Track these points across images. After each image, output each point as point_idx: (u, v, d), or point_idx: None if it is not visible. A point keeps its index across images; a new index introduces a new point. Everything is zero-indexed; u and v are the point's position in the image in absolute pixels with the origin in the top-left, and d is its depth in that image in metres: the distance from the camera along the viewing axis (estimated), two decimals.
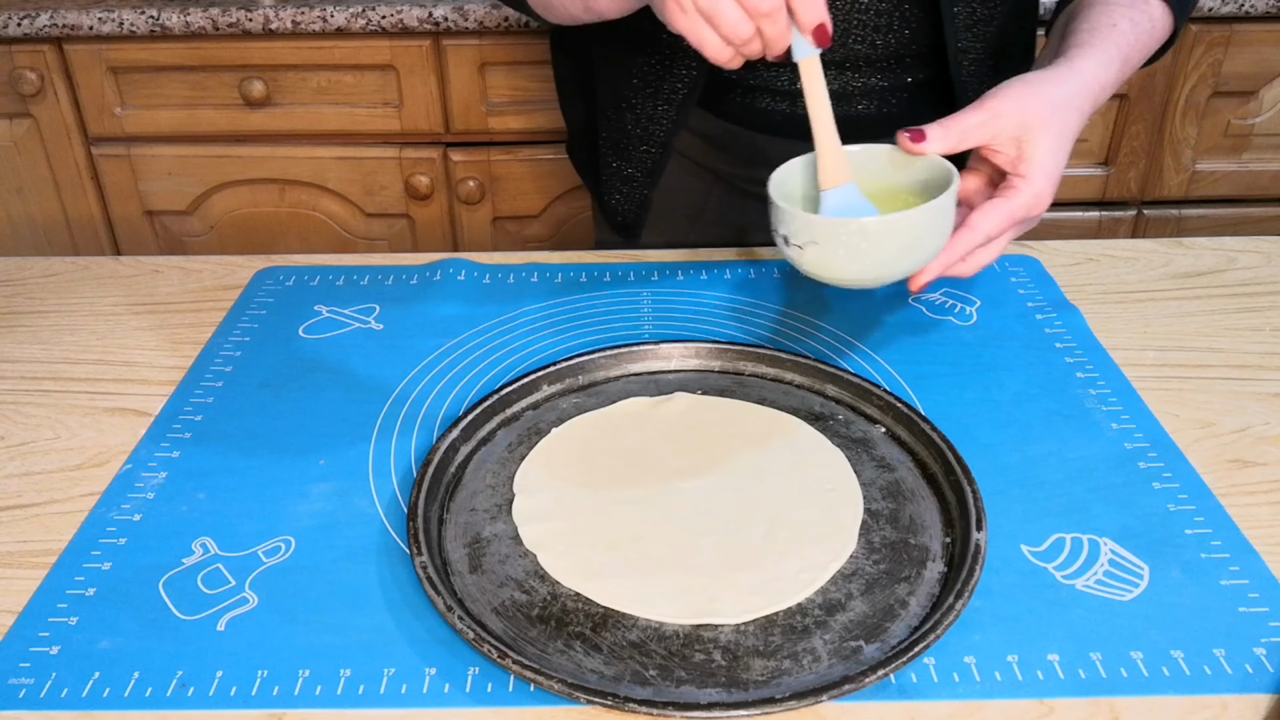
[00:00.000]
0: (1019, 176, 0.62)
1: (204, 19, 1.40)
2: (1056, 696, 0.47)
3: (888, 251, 0.58)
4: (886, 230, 0.58)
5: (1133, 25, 0.69)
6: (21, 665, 0.49)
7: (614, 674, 0.48)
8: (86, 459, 0.63)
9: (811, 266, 0.60)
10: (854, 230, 0.58)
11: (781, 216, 0.60)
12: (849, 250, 0.58)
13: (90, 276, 0.83)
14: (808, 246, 0.59)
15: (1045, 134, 0.61)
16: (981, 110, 0.62)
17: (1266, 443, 0.63)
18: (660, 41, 0.80)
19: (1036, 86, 0.63)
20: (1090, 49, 0.66)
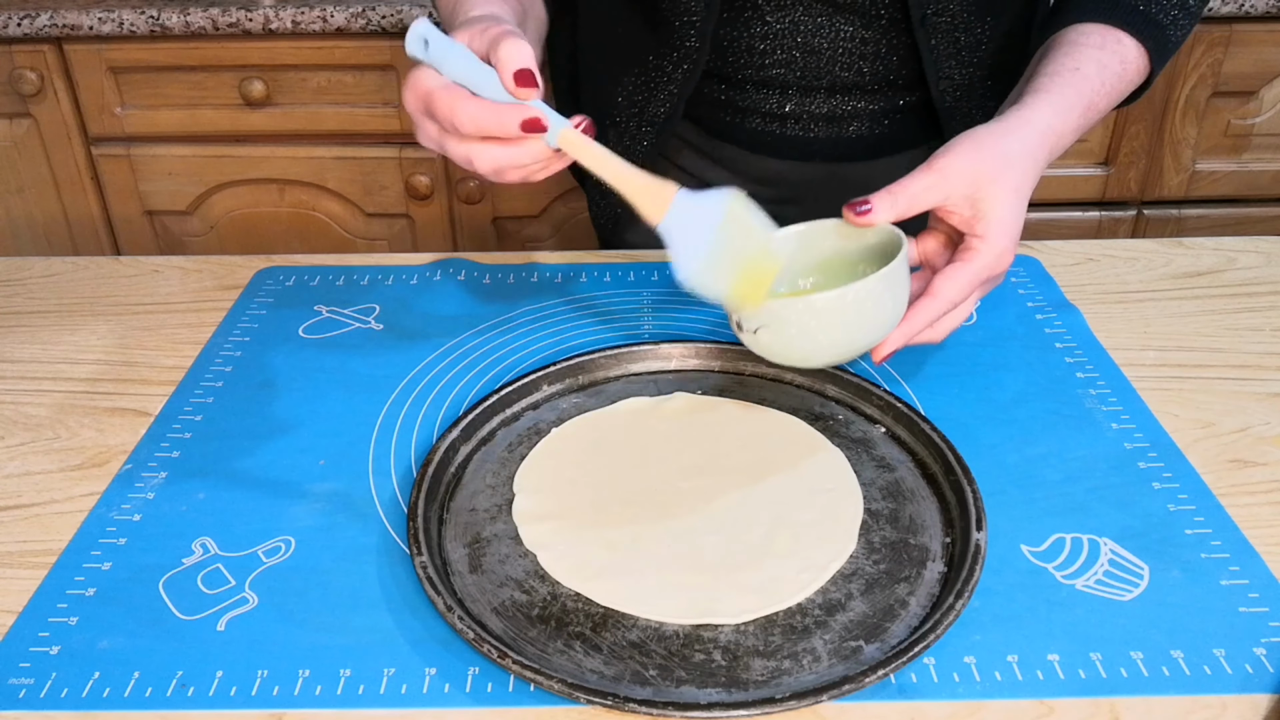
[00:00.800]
0: (977, 237, 0.60)
1: (204, 19, 1.40)
2: (1056, 696, 0.47)
3: (841, 327, 0.56)
4: (836, 305, 0.55)
5: (1099, 69, 0.66)
6: (21, 665, 0.49)
7: (614, 674, 0.48)
8: (86, 459, 0.63)
9: (767, 350, 0.58)
10: (802, 309, 0.55)
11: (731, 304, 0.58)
12: (800, 330, 0.56)
13: (90, 276, 0.83)
14: (760, 331, 0.57)
15: (999, 190, 0.59)
16: (930, 172, 0.59)
17: (1266, 443, 0.63)
18: (647, 64, 0.80)
19: (986, 141, 0.61)
20: (1048, 95, 0.64)
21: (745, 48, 0.78)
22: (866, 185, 0.85)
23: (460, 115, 0.54)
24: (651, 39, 0.80)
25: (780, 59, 0.78)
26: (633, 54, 0.82)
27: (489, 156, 0.56)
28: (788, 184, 0.85)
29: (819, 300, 0.55)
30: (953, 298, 0.59)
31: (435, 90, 0.55)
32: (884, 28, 0.76)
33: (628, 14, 0.81)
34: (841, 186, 0.85)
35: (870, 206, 0.59)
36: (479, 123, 0.54)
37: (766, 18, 0.76)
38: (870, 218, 0.59)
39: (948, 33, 0.76)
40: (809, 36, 0.77)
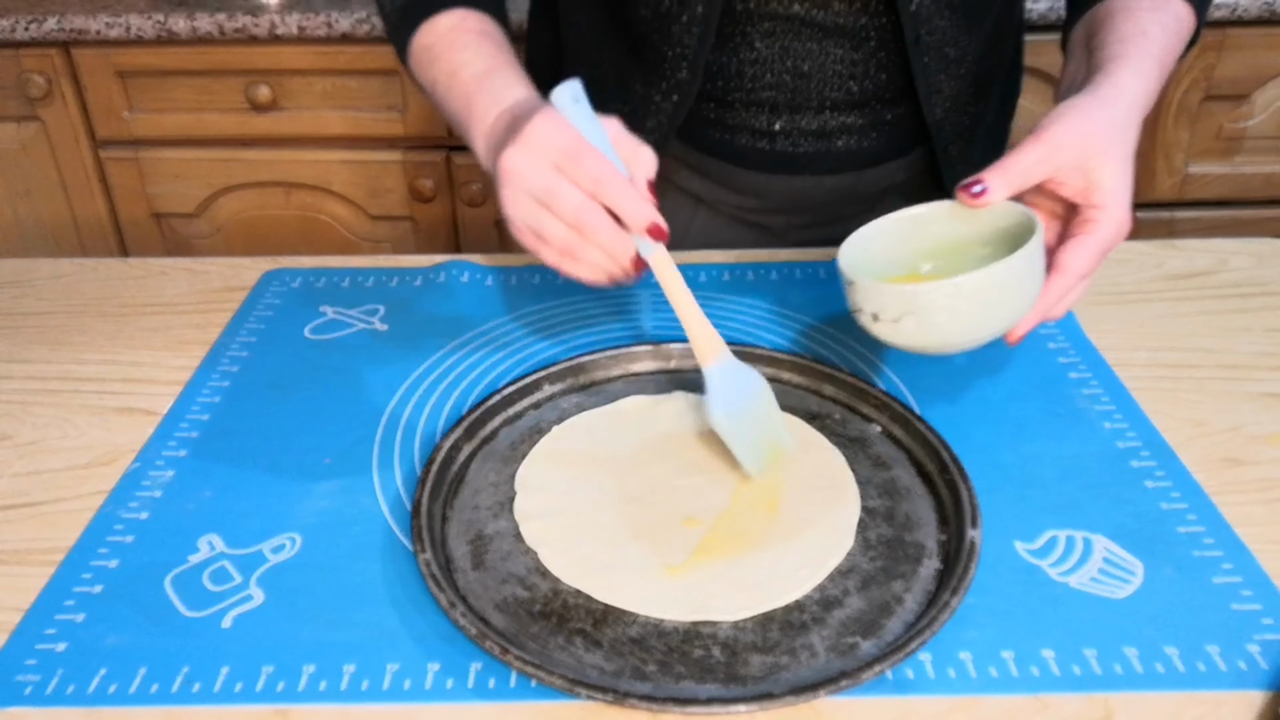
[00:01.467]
0: (1095, 208, 0.59)
1: (210, 24, 1.41)
2: (1050, 692, 0.48)
3: (988, 307, 0.56)
4: (985, 285, 0.55)
5: (1162, 29, 0.67)
6: (28, 662, 0.50)
7: (614, 669, 0.49)
8: (94, 458, 0.64)
9: (910, 338, 0.57)
10: (951, 292, 0.55)
11: (866, 294, 0.57)
12: (950, 314, 0.55)
13: (98, 278, 0.84)
14: (904, 319, 0.56)
15: (1110, 158, 0.59)
16: (1040, 145, 0.58)
17: (1258, 442, 0.64)
18: (634, 93, 0.81)
19: (1090, 111, 0.60)
20: (1127, 60, 0.64)
21: (735, 72, 0.78)
22: (855, 195, 0.86)
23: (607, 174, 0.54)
24: (638, 69, 0.80)
25: (769, 82, 0.78)
26: (618, 82, 0.81)
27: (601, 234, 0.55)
28: (776, 196, 0.85)
29: (967, 282, 0.54)
30: (1080, 271, 0.59)
31: (589, 146, 0.55)
32: (873, 49, 0.76)
33: (612, 42, 0.81)
34: (830, 197, 0.85)
35: (985, 186, 0.58)
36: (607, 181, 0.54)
37: (755, 44, 0.76)
38: (987, 198, 0.58)
39: (938, 49, 0.76)
40: (798, 60, 0.77)
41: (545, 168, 0.55)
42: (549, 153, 0.55)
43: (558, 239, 0.56)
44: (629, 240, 0.56)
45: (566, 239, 0.56)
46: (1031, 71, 1.43)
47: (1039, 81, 1.44)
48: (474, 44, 0.68)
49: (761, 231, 0.90)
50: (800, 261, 0.84)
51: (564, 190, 0.55)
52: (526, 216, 0.56)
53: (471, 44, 0.68)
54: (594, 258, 0.57)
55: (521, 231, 0.57)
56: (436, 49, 0.69)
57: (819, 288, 0.81)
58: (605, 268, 0.57)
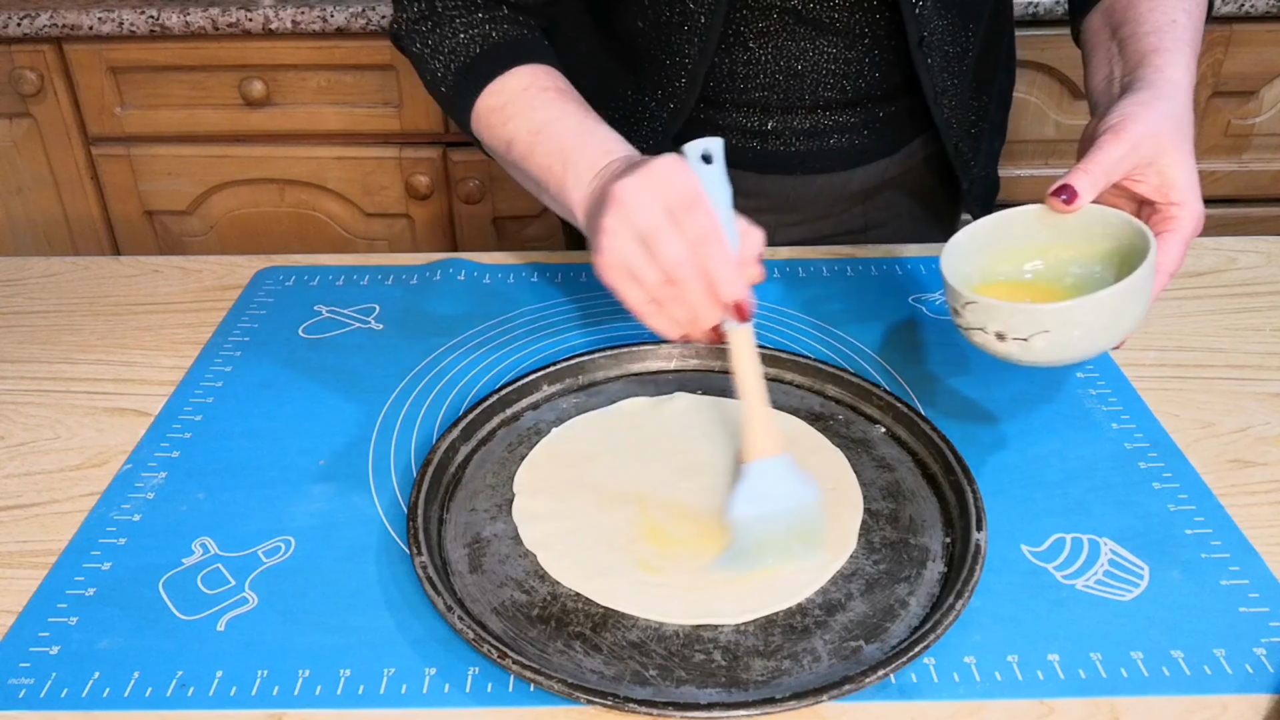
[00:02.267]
0: (1174, 204, 0.59)
1: (204, 19, 1.40)
2: (1056, 696, 0.47)
3: (1120, 318, 0.55)
4: (1121, 298, 0.54)
5: (1189, 17, 0.67)
6: (21, 665, 0.49)
7: (614, 674, 0.48)
8: (86, 459, 0.63)
9: (1039, 355, 0.55)
10: (1090, 309, 0.54)
11: (993, 313, 0.56)
12: (1086, 330, 0.54)
13: (90, 276, 0.83)
14: (1035, 338, 0.55)
15: (1180, 154, 0.59)
16: (1121, 143, 0.58)
17: (1266, 443, 0.63)
18: (626, 99, 0.80)
19: (1155, 107, 0.60)
20: (1169, 53, 0.64)
21: (727, 74, 0.78)
22: (845, 193, 0.85)
23: (716, 236, 0.53)
24: (631, 77, 0.79)
25: (763, 83, 0.78)
26: (608, 90, 0.80)
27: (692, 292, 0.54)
28: (766, 196, 0.85)
29: (1107, 297, 0.54)
30: (1171, 269, 0.59)
31: (705, 201, 0.53)
32: (866, 46, 0.76)
33: (600, 49, 0.80)
34: (820, 195, 0.85)
35: (1075, 190, 0.58)
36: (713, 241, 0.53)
37: (749, 44, 0.76)
38: (1078, 203, 0.58)
39: (940, 48, 0.76)
40: (792, 61, 0.76)
41: (657, 208, 0.53)
42: (666, 194, 0.53)
43: (650, 283, 0.54)
44: (716, 309, 0.55)
45: (658, 287, 0.54)
46: (1036, 66, 1.42)
47: (1044, 76, 1.43)
48: (558, 102, 0.65)
49: None
50: (802, 260, 0.84)
51: (670, 236, 0.53)
52: (624, 251, 0.54)
53: (556, 102, 0.65)
54: (678, 314, 0.55)
55: (612, 266, 0.54)
56: (512, 108, 0.66)
57: (821, 286, 0.80)
58: (684, 327, 0.56)
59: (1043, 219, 0.61)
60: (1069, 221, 0.60)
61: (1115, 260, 0.60)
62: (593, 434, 0.64)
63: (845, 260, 0.83)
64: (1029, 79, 1.43)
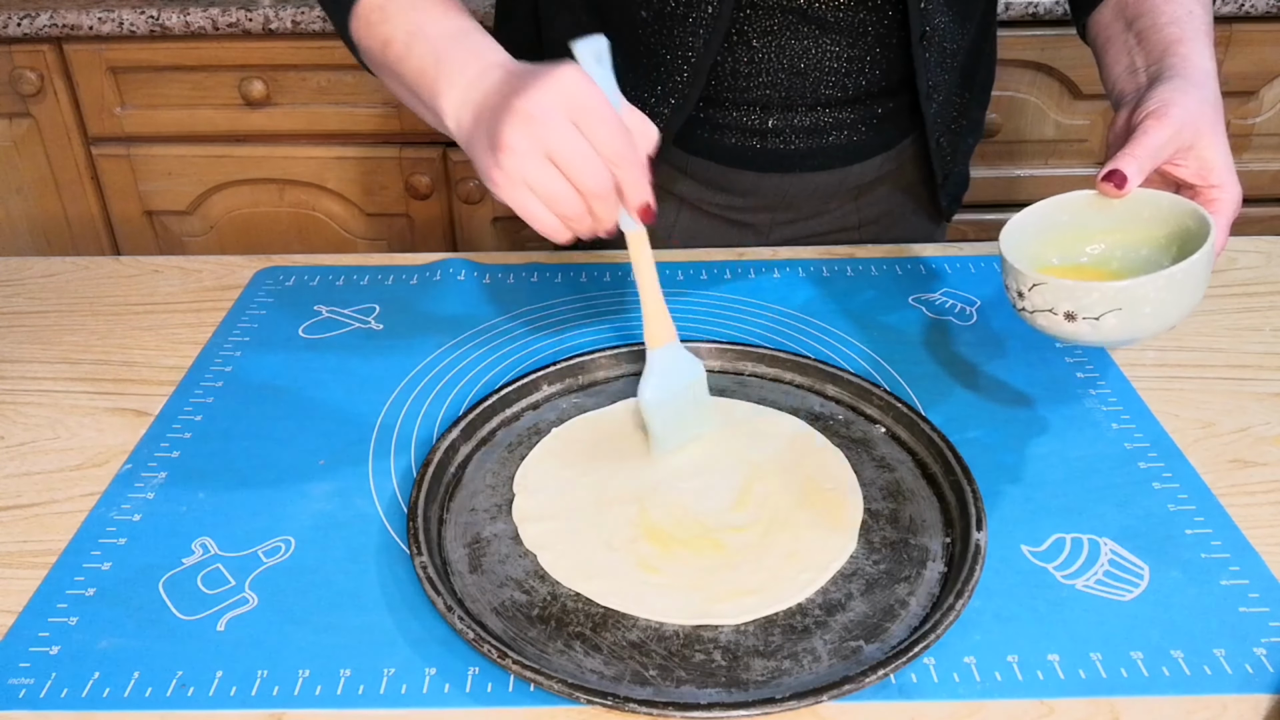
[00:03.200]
0: (1214, 187, 0.60)
1: (204, 19, 1.40)
2: (1056, 697, 0.47)
3: (1186, 296, 0.55)
4: (1189, 274, 0.54)
5: (1202, 6, 0.68)
6: (21, 665, 0.49)
7: (614, 674, 0.48)
8: (86, 459, 0.63)
9: (1108, 334, 0.56)
10: (1161, 285, 0.54)
11: (1064, 294, 0.56)
12: (1156, 307, 0.55)
13: (90, 276, 0.83)
14: (1106, 316, 0.55)
15: (1216, 138, 0.60)
16: (1165, 127, 0.59)
17: (1266, 443, 0.63)
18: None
19: (1192, 94, 0.61)
20: (1192, 43, 0.65)
21: (729, 72, 0.77)
22: (841, 190, 0.86)
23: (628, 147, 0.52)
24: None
25: (765, 81, 0.77)
26: None
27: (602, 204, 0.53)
28: (763, 194, 0.85)
29: (1179, 272, 0.54)
30: (1219, 249, 0.59)
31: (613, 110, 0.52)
32: (869, 44, 0.76)
33: None
34: (817, 193, 0.85)
35: (1123, 175, 0.59)
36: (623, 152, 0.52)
37: (752, 42, 0.76)
38: (1128, 188, 0.59)
39: (939, 45, 0.77)
40: (794, 59, 0.76)
41: (565, 123, 0.51)
42: (572, 107, 0.51)
43: (565, 205, 0.53)
44: (619, 212, 0.55)
45: (565, 199, 0.53)
46: (1036, 66, 1.42)
47: (1044, 76, 1.43)
48: (439, 5, 0.63)
49: (745, 229, 0.89)
50: (802, 260, 0.84)
51: (584, 153, 0.52)
52: (531, 170, 0.52)
53: (437, 5, 0.63)
54: (581, 226, 0.54)
55: (515, 185, 0.53)
56: (392, 7, 0.63)
57: (822, 286, 0.80)
58: (581, 233, 0.55)
59: (1092, 204, 0.61)
60: (1117, 206, 0.61)
61: (1164, 243, 0.60)
62: (593, 434, 0.64)
63: (845, 260, 0.83)
64: (1029, 79, 1.43)
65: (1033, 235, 0.62)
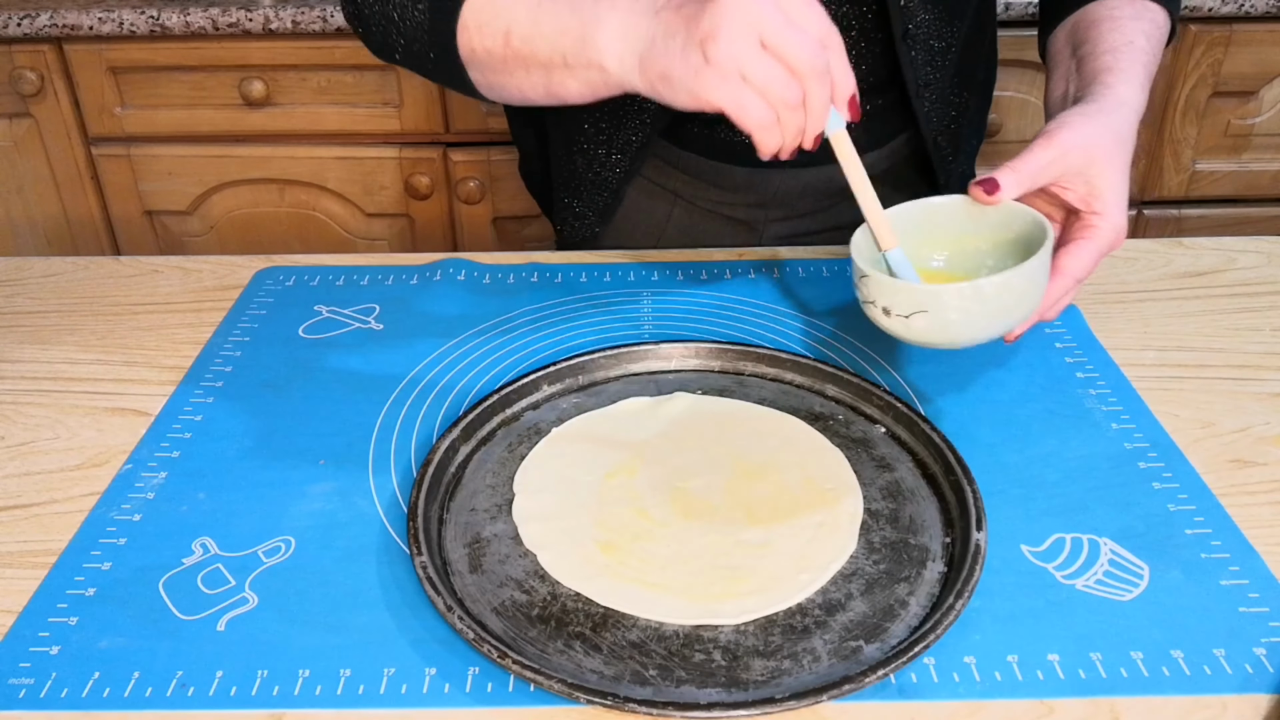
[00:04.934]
0: (1096, 214, 0.61)
1: (204, 19, 1.40)
2: (1056, 696, 0.47)
3: (1000, 309, 0.57)
4: (1001, 289, 0.56)
5: (1147, 39, 0.68)
6: (21, 665, 0.49)
7: (614, 674, 0.48)
8: (86, 459, 0.63)
9: (919, 335, 0.58)
10: (969, 294, 0.56)
11: (879, 288, 0.58)
12: (962, 314, 0.56)
13: (90, 276, 0.83)
14: (914, 316, 0.57)
15: (1112, 166, 0.60)
16: (1051, 147, 0.60)
17: (1266, 443, 0.63)
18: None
19: (1095, 119, 0.61)
20: (1122, 72, 0.65)
21: None
22: (833, 188, 0.85)
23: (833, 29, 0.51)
24: None
25: None
26: None
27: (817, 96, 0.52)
28: (755, 190, 0.85)
29: (987, 285, 0.56)
30: (1079, 275, 0.61)
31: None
32: (854, 39, 0.76)
33: None
34: (809, 190, 0.85)
35: (999, 184, 0.59)
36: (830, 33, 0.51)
37: None
38: (999, 195, 0.60)
39: (924, 42, 0.77)
40: None
41: (776, 11, 0.50)
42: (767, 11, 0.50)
43: (777, 93, 0.51)
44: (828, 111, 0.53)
45: (786, 94, 0.51)
46: (1036, 66, 1.42)
47: (1044, 76, 1.43)
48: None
49: (738, 225, 0.89)
50: (802, 260, 0.84)
51: (796, 35, 0.50)
52: (747, 61, 0.50)
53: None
54: (795, 122, 0.52)
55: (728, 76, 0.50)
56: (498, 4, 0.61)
57: (822, 286, 0.80)
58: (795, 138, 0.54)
59: (967, 210, 0.62)
60: (991, 215, 0.62)
61: (1024, 257, 0.60)
62: (593, 434, 0.64)
63: (845, 260, 0.83)
64: (1029, 79, 1.43)
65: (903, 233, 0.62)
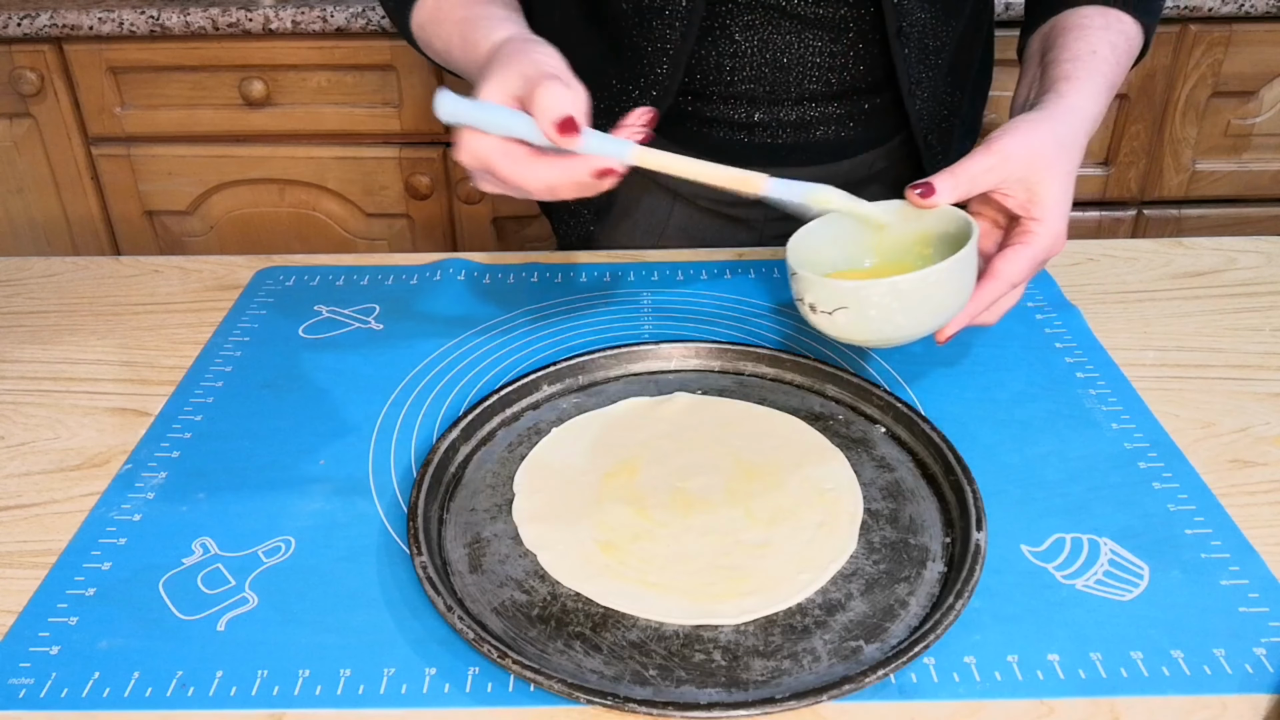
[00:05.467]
0: (1034, 220, 0.61)
1: (204, 19, 1.40)
2: (1056, 696, 0.47)
3: (920, 308, 0.57)
4: (919, 287, 0.57)
5: (1112, 49, 0.69)
6: (21, 665, 0.49)
7: (614, 674, 0.48)
8: (86, 459, 0.63)
9: (843, 331, 0.59)
10: (885, 290, 0.57)
11: (806, 285, 0.59)
12: (881, 311, 0.57)
13: (90, 276, 0.83)
14: (837, 312, 0.58)
15: (1053, 174, 0.61)
16: (990, 154, 0.60)
17: (1266, 443, 0.63)
18: (611, 88, 0.80)
19: (1040, 126, 0.62)
20: (1078, 81, 0.66)
21: (714, 66, 0.78)
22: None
23: (530, 180, 0.54)
24: (614, 65, 0.79)
25: (749, 75, 0.78)
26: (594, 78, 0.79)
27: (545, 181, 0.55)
28: None
29: (903, 282, 0.56)
30: (1012, 279, 0.61)
31: (494, 155, 0.54)
32: (851, 39, 0.76)
33: (586, 37, 0.80)
34: None
35: (934, 188, 0.60)
36: (550, 184, 0.54)
37: (735, 36, 0.76)
38: (934, 199, 0.60)
39: (918, 40, 0.77)
40: (777, 53, 0.77)
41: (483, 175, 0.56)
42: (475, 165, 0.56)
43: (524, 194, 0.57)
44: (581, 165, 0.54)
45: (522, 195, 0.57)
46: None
47: None
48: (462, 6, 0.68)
49: (737, 224, 0.89)
50: None
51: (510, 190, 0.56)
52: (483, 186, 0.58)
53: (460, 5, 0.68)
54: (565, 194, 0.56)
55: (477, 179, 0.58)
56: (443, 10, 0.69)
57: None
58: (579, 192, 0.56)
59: (904, 214, 0.63)
60: (929, 219, 0.62)
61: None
62: (593, 434, 0.64)
63: None
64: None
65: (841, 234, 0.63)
